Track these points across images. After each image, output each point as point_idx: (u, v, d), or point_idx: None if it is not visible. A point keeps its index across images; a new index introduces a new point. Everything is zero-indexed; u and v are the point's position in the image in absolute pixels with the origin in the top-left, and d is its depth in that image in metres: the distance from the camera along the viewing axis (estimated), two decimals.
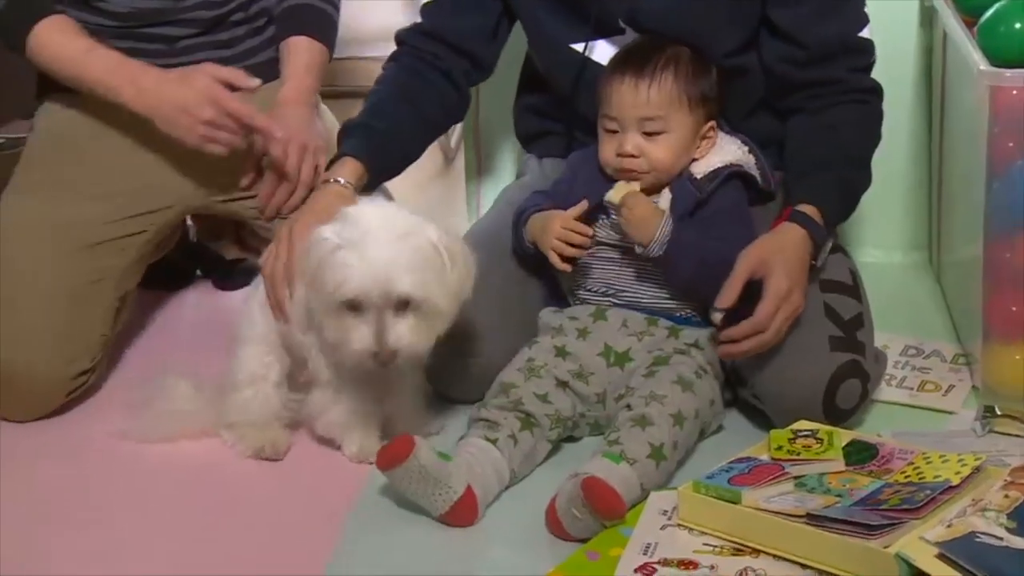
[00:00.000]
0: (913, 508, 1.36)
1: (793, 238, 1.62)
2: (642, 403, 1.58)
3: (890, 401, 1.77)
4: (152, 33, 1.88)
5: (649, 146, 1.65)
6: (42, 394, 1.76)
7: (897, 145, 2.14)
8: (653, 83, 1.65)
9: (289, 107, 1.84)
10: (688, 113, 1.66)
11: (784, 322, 1.59)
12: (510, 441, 1.57)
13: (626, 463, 1.50)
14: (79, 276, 1.80)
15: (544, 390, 1.62)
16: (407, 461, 1.47)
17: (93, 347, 1.81)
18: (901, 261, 2.19)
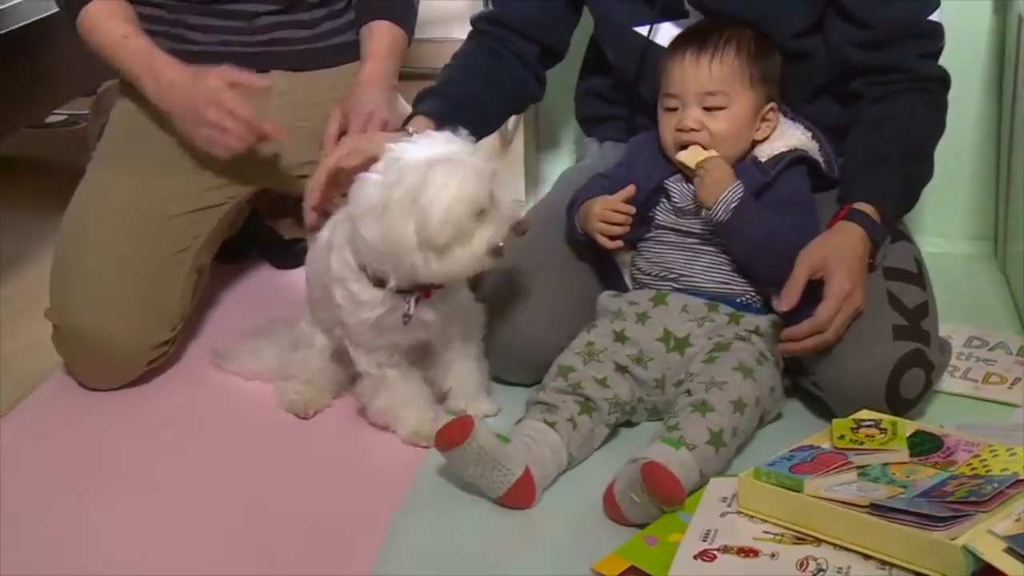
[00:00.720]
0: (980, 501, 1.33)
1: (852, 237, 1.61)
2: (702, 389, 1.56)
3: (954, 392, 1.74)
4: (231, 10, 1.91)
5: (710, 120, 1.65)
6: (124, 363, 1.79)
7: (965, 134, 2.11)
8: (715, 57, 1.65)
9: (370, 86, 1.86)
10: (749, 89, 1.65)
11: (844, 322, 1.58)
12: (569, 424, 1.56)
13: (685, 448, 1.50)
14: (161, 247, 1.83)
15: (603, 374, 1.61)
16: (466, 442, 1.47)
17: (174, 318, 1.83)
18: (966, 251, 2.16)
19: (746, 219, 1.63)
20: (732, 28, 1.68)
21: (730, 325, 1.67)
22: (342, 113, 1.83)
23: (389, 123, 1.83)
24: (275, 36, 1.93)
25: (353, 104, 1.84)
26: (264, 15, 1.92)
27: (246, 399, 1.81)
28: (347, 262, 1.59)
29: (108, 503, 1.58)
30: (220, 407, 1.79)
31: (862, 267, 1.60)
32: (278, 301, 2.03)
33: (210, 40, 1.93)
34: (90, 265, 1.79)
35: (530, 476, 1.49)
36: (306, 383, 1.73)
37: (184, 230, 1.86)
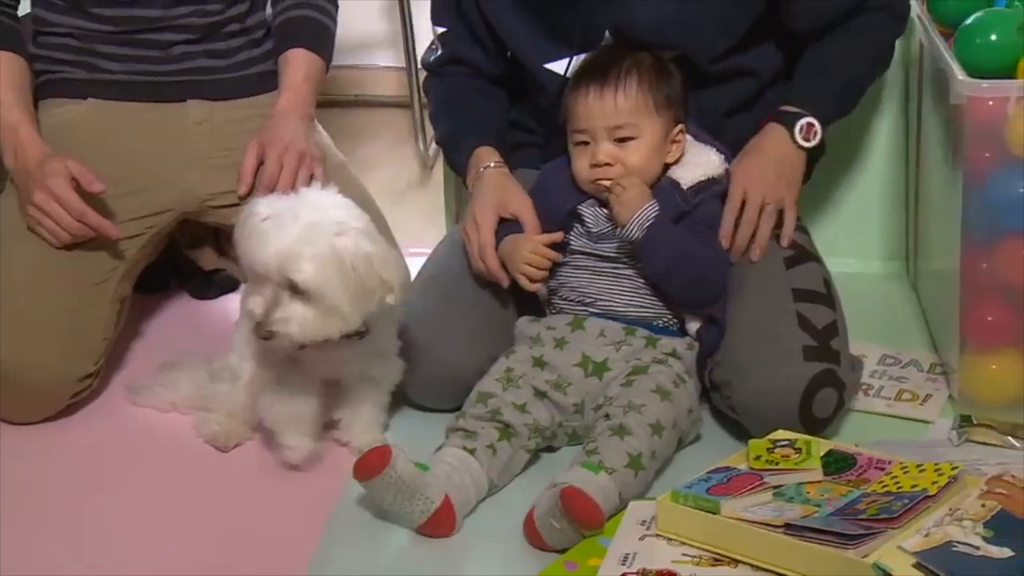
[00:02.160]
0: (891, 517, 1.35)
1: (772, 138, 1.71)
2: (620, 412, 1.56)
3: (867, 411, 1.76)
4: (147, 39, 1.89)
5: (622, 153, 1.65)
6: (47, 397, 1.76)
7: (874, 155, 2.14)
8: (619, 90, 1.64)
9: (287, 117, 1.85)
10: (656, 116, 1.66)
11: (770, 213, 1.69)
12: (488, 451, 1.55)
13: (604, 472, 1.49)
14: (83, 278, 1.79)
15: (522, 400, 1.61)
16: (384, 471, 1.46)
17: (97, 350, 1.80)
18: (878, 270, 2.18)
19: (660, 237, 1.63)
20: (631, 56, 1.67)
21: (647, 348, 1.67)
22: (259, 145, 1.83)
23: (306, 154, 1.82)
24: (191, 66, 1.91)
25: (269, 136, 1.83)
26: (179, 44, 1.90)
27: (163, 432, 1.78)
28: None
29: (24, 539, 1.55)
30: (136, 441, 1.76)
31: (779, 167, 1.71)
32: (197, 332, 2.01)
33: (124, 70, 1.91)
34: (7, 297, 1.75)
35: (449, 504, 1.48)
36: (228, 415, 1.71)
37: (102, 261, 1.82)
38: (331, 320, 1.52)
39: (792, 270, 1.72)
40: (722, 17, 1.71)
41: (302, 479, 1.65)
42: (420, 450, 1.59)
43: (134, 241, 1.86)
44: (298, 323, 1.51)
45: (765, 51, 1.79)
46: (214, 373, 1.75)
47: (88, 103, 1.91)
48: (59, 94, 1.91)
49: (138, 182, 1.87)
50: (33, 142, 1.81)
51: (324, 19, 1.95)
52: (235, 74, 1.94)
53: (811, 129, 1.72)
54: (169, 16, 1.87)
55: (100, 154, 1.87)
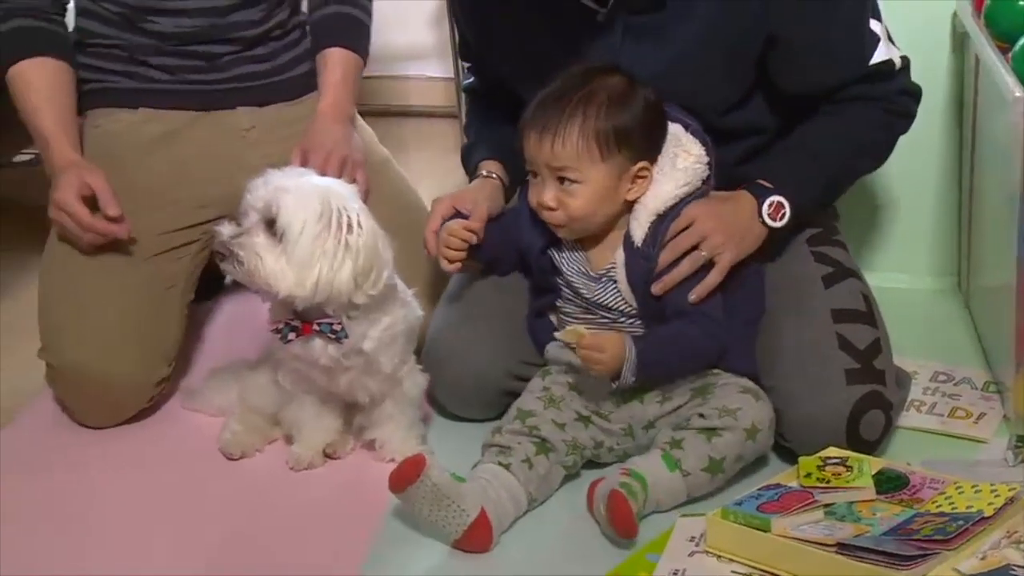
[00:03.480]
0: (946, 539, 1.33)
1: (738, 201, 1.61)
2: (716, 415, 1.53)
3: (920, 428, 1.73)
4: (195, 51, 1.90)
5: (566, 197, 1.55)
6: (126, 400, 1.78)
7: (927, 170, 2.11)
8: (557, 136, 1.52)
9: (328, 121, 1.86)
10: (600, 162, 1.53)
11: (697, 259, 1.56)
12: (524, 465, 1.53)
13: (679, 472, 1.50)
14: (154, 283, 1.82)
15: (563, 420, 1.59)
16: (419, 480, 1.44)
17: (170, 354, 1.83)
18: (930, 286, 2.15)
19: (653, 366, 1.54)
20: (586, 89, 1.53)
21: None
22: (302, 152, 1.83)
23: (349, 159, 1.83)
24: (238, 72, 1.93)
25: (312, 142, 1.83)
26: (226, 55, 1.92)
27: (211, 438, 1.77)
28: None
29: (65, 546, 1.57)
30: (185, 447, 1.77)
31: (738, 223, 1.59)
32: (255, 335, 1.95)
33: (172, 79, 1.92)
34: (84, 300, 1.77)
35: (486, 518, 1.47)
36: (241, 423, 1.72)
37: (165, 267, 1.85)
38: (288, 272, 1.52)
39: (831, 289, 1.68)
40: (723, 72, 1.63)
41: (345, 498, 1.64)
42: (461, 464, 1.58)
43: (192, 247, 1.89)
44: (256, 254, 1.52)
45: (770, 109, 1.70)
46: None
47: (139, 112, 1.92)
48: (108, 103, 1.93)
49: (190, 190, 1.88)
50: (62, 153, 1.81)
51: (360, 14, 1.95)
52: (279, 77, 1.96)
53: (780, 210, 1.62)
54: (216, 28, 1.89)
55: (151, 162, 1.89)
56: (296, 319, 1.58)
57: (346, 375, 1.62)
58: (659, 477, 1.49)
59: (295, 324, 1.58)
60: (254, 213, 1.54)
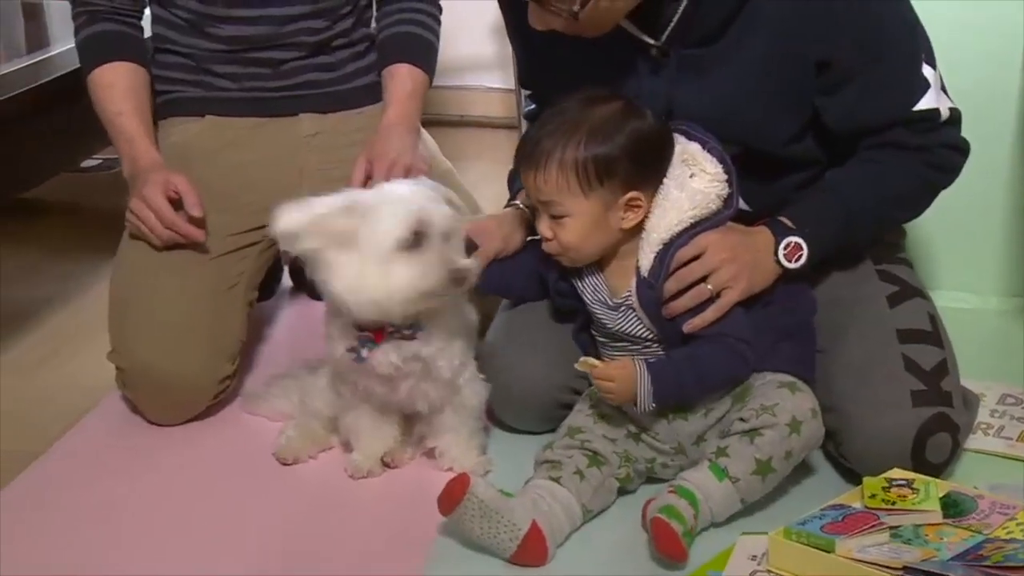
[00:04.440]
0: (1018, 566, 1.30)
1: (753, 235, 1.58)
2: (754, 415, 1.51)
3: (987, 451, 1.69)
4: (258, 57, 1.92)
5: (558, 229, 1.53)
6: (192, 398, 1.80)
7: (994, 189, 2.08)
8: (538, 172, 1.51)
9: (393, 131, 1.87)
10: (583, 197, 1.50)
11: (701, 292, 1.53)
12: (576, 477, 1.52)
13: (728, 480, 1.48)
14: (217, 283, 1.83)
15: (615, 435, 1.59)
16: (466, 497, 1.44)
17: (234, 352, 1.85)
18: (996, 307, 2.11)
19: (672, 391, 1.52)
20: (562, 128, 1.50)
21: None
22: (366, 160, 1.84)
23: (412, 168, 1.83)
24: (301, 80, 1.94)
25: (377, 151, 1.84)
26: (290, 61, 1.93)
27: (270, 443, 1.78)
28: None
29: (131, 545, 1.58)
30: (243, 452, 1.77)
31: (750, 258, 1.55)
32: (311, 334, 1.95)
33: (238, 87, 1.94)
34: (151, 302, 1.79)
35: (538, 530, 1.46)
36: (298, 429, 1.73)
37: (230, 267, 1.87)
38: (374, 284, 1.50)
39: (896, 308, 1.65)
40: (780, 101, 1.59)
41: (400, 506, 1.63)
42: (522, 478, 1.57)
43: (254, 248, 1.91)
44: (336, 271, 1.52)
45: (825, 142, 1.66)
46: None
47: (206, 120, 1.95)
48: (178, 113, 1.96)
49: (254, 194, 1.89)
50: (147, 152, 1.84)
51: (428, 36, 1.97)
52: (343, 86, 1.97)
53: (797, 251, 1.57)
54: (280, 35, 1.90)
55: (218, 168, 1.91)
56: (365, 332, 1.56)
57: (406, 383, 1.61)
58: (709, 489, 1.48)
59: (369, 337, 1.56)
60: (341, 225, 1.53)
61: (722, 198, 1.55)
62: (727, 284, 1.54)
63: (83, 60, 1.90)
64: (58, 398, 1.95)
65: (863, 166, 1.63)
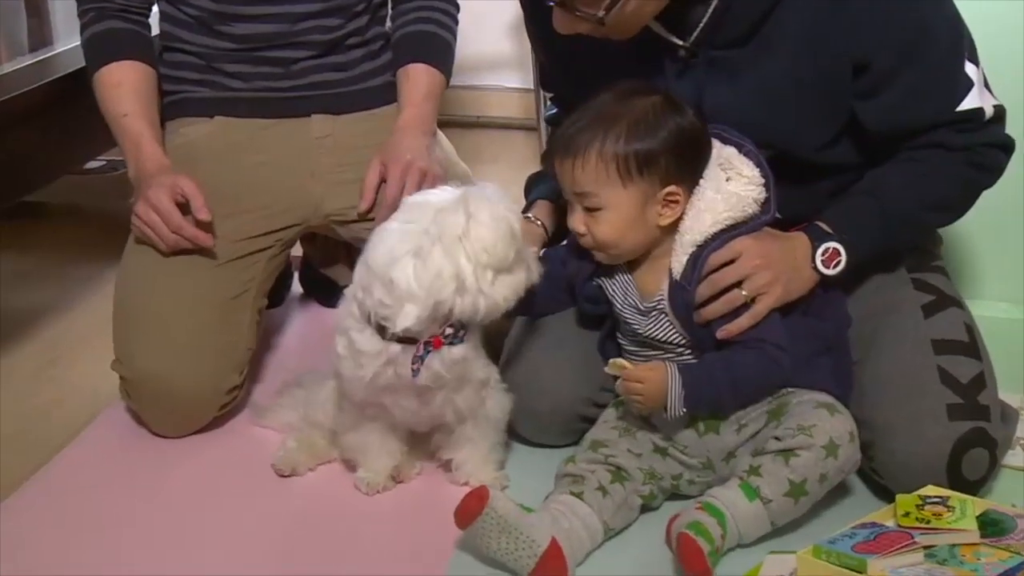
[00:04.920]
0: None
1: (796, 242, 1.57)
2: (790, 434, 1.49)
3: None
4: (269, 56, 1.91)
5: (593, 223, 1.52)
6: (198, 409, 1.79)
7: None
8: (576, 163, 1.50)
9: (408, 134, 1.86)
10: (623, 189, 1.49)
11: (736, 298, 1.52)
12: (598, 493, 1.51)
13: (759, 501, 1.47)
14: (225, 290, 1.82)
15: (640, 450, 1.57)
16: (484, 511, 1.43)
17: (242, 362, 1.83)
18: None
19: (705, 397, 1.51)
20: (603, 118, 1.50)
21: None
22: (380, 162, 1.84)
23: (428, 172, 1.83)
24: (313, 80, 1.93)
25: (391, 153, 1.84)
26: (301, 60, 1.92)
27: None
28: (352, 312, 1.56)
29: (132, 562, 1.57)
30: (252, 466, 1.75)
31: (787, 264, 1.54)
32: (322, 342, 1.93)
33: (248, 87, 1.94)
34: (156, 310, 1.78)
35: (557, 547, 1.44)
36: (299, 441, 1.72)
37: (238, 274, 1.85)
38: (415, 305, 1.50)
39: (931, 319, 1.64)
40: (815, 105, 1.58)
41: (414, 522, 1.63)
42: (540, 493, 1.56)
43: (265, 253, 1.89)
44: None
45: (863, 146, 1.65)
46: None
47: (215, 121, 1.94)
48: (186, 113, 1.95)
49: (265, 197, 1.90)
50: (153, 155, 1.83)
51: (445, 35, 1.96)
52: (357, 87, 1.96)
53: (835, 257, 1.56)
54: (291, 33, 1.89)
55: (227, 170, 1.90)
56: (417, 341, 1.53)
57: (441, 394, 1.58)
58: (739, 509, 1.47)
59: (428, 345, 1.53)
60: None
61: (759, 202, 1.54)
62: (762, 290, 1.53)
63: (89, 58, 1.90)
64: (59, 408, 1.95)
65: (903, 167, 1.62)
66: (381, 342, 1.53)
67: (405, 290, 1.48)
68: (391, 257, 1.48)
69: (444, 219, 1.48)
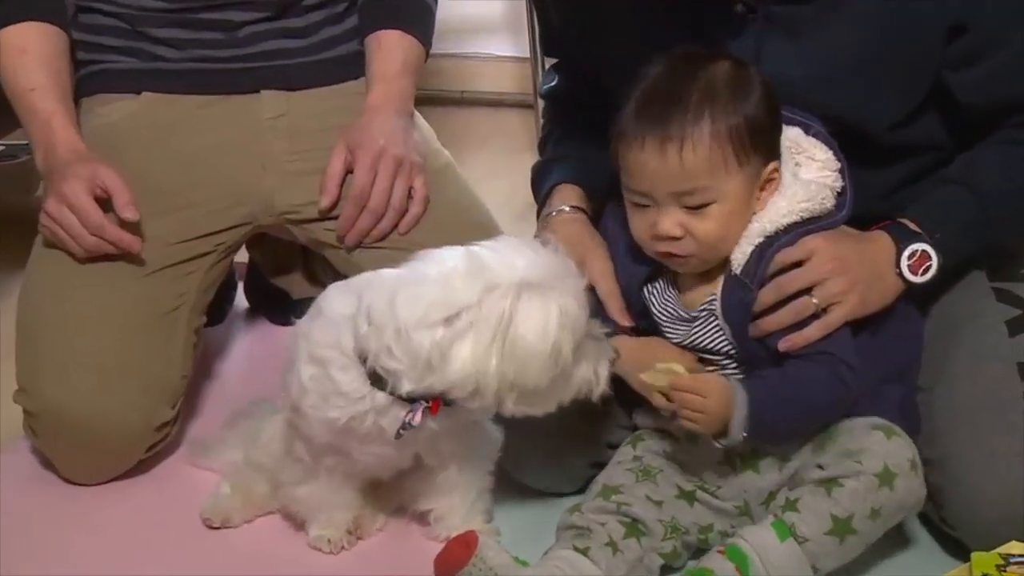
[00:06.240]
0: None
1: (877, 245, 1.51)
2: (835, 462, 1.42)
3: None
4: (211, 19, 1.85)
5: (694, 222, 1.43)
6: (120, 450, 1.73)
7: None
8: (685, 143, 1.39)
9: (380, 114, 1.82)
10: (739, 171, 1.42)
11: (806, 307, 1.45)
12: (607, 549, 1.45)
13: (792, 540, 1.40)
14: (154, 305, 1.77)
15: (660, 497, 1.51)
16: (471, 563, 1.39)
17: (175, 392, 1.78)
18: None
19: (773, 421, 1.43)
20: (700, 88, 1.41)
21: None
22: (347, 148, 1.79)
23: (404, 160, 1.78)
24: (264, 48, 1.87)
25: (360, 137, 1.79)
26: (249, 23, 1.86)
27: None
28: (338, 341, 1.45)
29: None
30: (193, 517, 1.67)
31: (866, 270, 1.48)
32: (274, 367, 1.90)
33: (184, 57, 1.87)
34: (68, 330, 1.72)
35: None
36: (234, 487, 1.65)
37: (171, 285, 1.79)
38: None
39: (1018, 337, 1.57)
40: (889, 75, 1.53)
41: None
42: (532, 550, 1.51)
43: (203, 260, 1.84)
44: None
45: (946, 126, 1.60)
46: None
47: (142, 98, 1.87)
48: (107, 89, 1.88)
49: (204, 192, 1.84)
50: (66, 139, 1.77)
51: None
52: (315, 57, 1.90)
53: (924, 261, 1.50)
54: None
55: (157, 158, 1.84)
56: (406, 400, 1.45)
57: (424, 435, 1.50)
58: (768, 552, 1.40)
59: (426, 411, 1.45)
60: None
61: (835, 192, 1.48)
62: (835, 299, 1.46)
63: None
64: None
65: (1002, 151, 1.56)
66: (368, 387, 1.44)
67: (423, 358, 1.38)
68: (424, 313, 1.38)
69: (490, 301, 1.37)
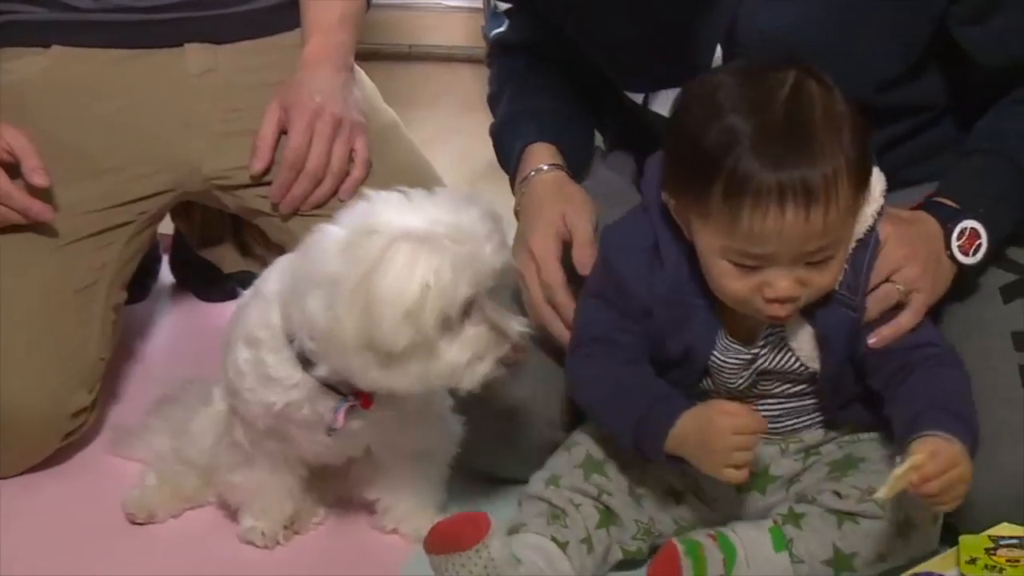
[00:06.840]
0: None
1: (926, 227, 1.48)
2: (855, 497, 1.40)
3: None
4: None
5: (814, 275, 1.36)
6: (32, 441, 1.70)
7: None
8: (830, 205, 1.30)
9: (317, 70, 1.79)
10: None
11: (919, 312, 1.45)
12: (583, 547, 1.44)
13: (787, 554, 1.40)
14: (69, 280, 1.75)
15: (644, 492, 1.49)
16: (476, 547, 1.35)
17: (92, 375, 1.75)
18: None
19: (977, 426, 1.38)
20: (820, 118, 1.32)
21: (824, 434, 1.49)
22: (280, 107, 1.76)
23: (344, 120, 1.75)
24: None
25: (295, 95, 1.76)
26: None
27: None
28: (269, 322, 1.44)
29: None
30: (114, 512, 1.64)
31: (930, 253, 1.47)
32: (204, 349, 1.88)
33: (99, 7, 1.82)
34: None
35: None
36: (161, 478, 1.62)
37: (87, 258, 1.76)
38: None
39: (1012, 304, 1.55)
40: (887, 25, 1.51)
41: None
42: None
43: (123, 231, 1.81)
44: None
45: (945, 84, 1.60)
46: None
47: (52, 52, 1.83)
48: (12, 42, 1.84)
49: (122, 155, 1.81)
50: None
51: None
52: (245, 6, 1.86)
53: (974, 240, 1.48)
54: None
55: (70, 118, 1.80)
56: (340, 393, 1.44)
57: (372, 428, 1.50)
58: (758, 554, 1.40)
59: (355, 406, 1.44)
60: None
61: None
62: (915, 284, 1.44)
63: None
64: None
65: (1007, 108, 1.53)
66: (301, 373, 1.42)
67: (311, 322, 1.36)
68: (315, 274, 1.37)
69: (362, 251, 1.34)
